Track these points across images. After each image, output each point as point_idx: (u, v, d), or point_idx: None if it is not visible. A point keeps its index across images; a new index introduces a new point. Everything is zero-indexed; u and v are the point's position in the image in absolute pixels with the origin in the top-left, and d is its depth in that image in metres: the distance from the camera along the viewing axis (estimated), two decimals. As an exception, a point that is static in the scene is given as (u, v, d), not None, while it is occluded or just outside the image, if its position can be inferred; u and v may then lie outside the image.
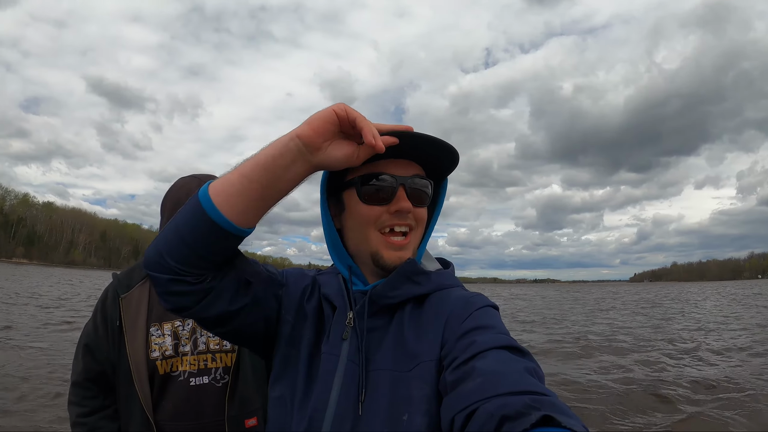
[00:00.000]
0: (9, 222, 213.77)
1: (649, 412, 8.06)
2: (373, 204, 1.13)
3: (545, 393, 0.77)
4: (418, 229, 1.18)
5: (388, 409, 0.99)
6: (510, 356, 0.89)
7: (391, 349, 1.07)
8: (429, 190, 1.19)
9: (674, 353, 13.42)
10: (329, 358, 1.09)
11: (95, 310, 2.06)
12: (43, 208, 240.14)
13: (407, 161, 1.16)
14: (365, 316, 1.11)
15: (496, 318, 1.06)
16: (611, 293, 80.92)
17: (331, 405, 1.03)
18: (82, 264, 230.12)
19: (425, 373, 0.99)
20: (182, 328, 1.99)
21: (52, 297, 28.55)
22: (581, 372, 11.01)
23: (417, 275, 1.13)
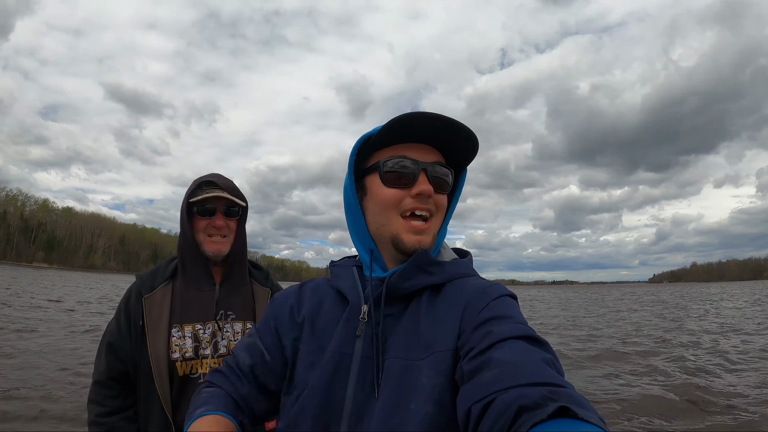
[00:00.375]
0: (29, 227, 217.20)
1: (673, 414, 7.93)
2: (395, 187, 1.14)
3: (563, 384, 0.76)
4: (438, 216, 1.18)
5: (396, 397, 0.99)
6: (528, 347, 0.88)
7: (403, 337, 1.07)
8: (449, 178, 1.19)
9: (695, 356, 13.07)
10: (344, 357, 1.10)
11: (118, 309, 2.06)
12: (62, 214, 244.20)
13: (428, 147, 1.16)
14: (382, 308, 1.11)
15: (514, 307, 1.05)
16: (628, 293, 79.59)
17: (348, 400, 1.05)
18: (101, 268, 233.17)
19: (439, 363, 0.99)
20: (203, 331, 1.99)
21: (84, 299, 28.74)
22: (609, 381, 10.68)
23: (430, 265, 1.13)
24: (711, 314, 28.73)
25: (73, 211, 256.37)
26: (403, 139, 1.14)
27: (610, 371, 11.22)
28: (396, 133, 1.12)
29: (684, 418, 7.71)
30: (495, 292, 1.07)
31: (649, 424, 7.43)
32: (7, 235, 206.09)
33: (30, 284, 45.32)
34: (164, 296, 2.02)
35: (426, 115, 1.08)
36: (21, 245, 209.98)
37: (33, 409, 7.33)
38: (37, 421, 6.87)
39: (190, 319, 2.00)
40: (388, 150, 1.16)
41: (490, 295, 1.06)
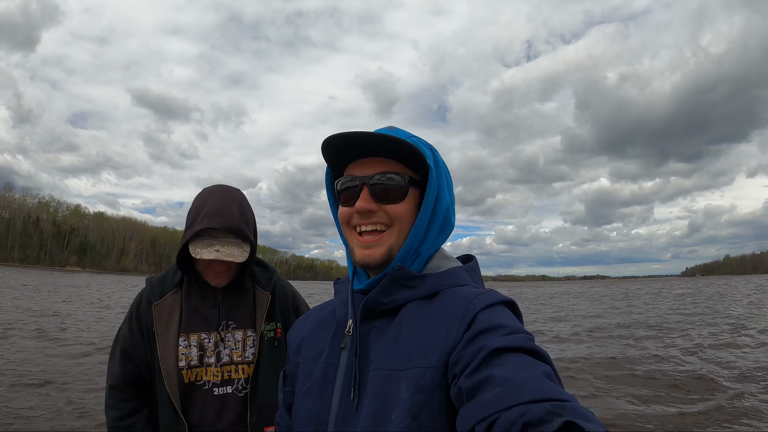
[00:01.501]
0: (62, 232, 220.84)
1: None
2: (345, 205, 1.16)
3: (566, 399, 0.75)
4: (395, 226, 1.14)
5: (378, 407, 0.99)
6: (525, 360, 0.86)
7: (386, 348, 1.06)
8: (401, 184, 1.13)
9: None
10: (330, 368, 1.12)
11: (129, 315, 2.11)
12: (94, 218, 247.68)
13: (379, 159, 1.14)
14: (358, 322, 1.12)
15: (506, 315, 1.01)
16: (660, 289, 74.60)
17: (333, 410, 1.07)
18: (133, 271, 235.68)
19: (419, 378, 0.97)
20: (207, 340, 2.05)
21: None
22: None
23: (409, 280, 1.11)
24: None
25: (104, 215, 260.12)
26: (358, 155, 1.15)
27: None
28: (350, 151, 1.14)
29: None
30: (483, 302, 1.02)
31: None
32: (41, 240, 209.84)
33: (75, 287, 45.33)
34: (174, 304, 2.07)
35: (332, 139, 1.11)
36: (54, 250, 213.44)
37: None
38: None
39: (195, 329, 2.05)
40: (347, 169, 1.18)
41: (478, 305, 1.02)
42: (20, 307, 23.36)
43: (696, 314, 25.04)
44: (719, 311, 26.44)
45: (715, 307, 29.41)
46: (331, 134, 1.10)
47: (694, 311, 26.97)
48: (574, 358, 12.84)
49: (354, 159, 1.16)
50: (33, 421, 7.02)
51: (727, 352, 13.20)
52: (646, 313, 26.52)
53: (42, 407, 7.67)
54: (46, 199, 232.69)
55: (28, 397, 8.16)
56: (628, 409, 8.24)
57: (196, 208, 2.03)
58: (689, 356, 12.84)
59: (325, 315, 1.28)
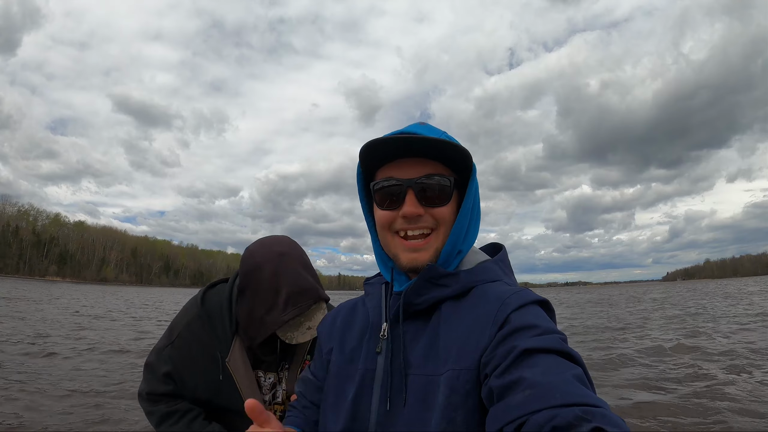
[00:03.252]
0: (41, 241, 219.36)
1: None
2: (386, 209, 1.15)
3: (597, 404, 0.74)
4: (440, 229, 1.14)
5: (419, 413, 1.00)
6: (558, 362, 0.85)
7: (423, 351, 1.06)
8: (447, 185, 1.13)
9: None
10: (367, 374, 1.12)
11: (183, 344, 2.00)
12: (74, 227, 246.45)
13: (420, 159, 1.12)
14: (400, 323, 1.12)
15: (539, 316, 1.00)
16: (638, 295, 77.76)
17: (372, 415, 1.07)
18: (114, 281, 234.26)
19: (453, 380, 0.97)
20: (264, 379, 2.10)
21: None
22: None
23: (441, 278, 1.11)
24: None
25: (84, 224, 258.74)
26: (396, 155, 1.13)
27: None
28: (387, 151, 1.13)
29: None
30: (516, 302, 1.02)
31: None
32: (20, 249, 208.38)
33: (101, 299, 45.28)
34: (240, 352, 2.01)
35: (387, 140, 1.08)
36: (34, 259, 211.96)
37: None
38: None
39: (255, 368, 2.08)
40: (382, 170, 1.16)
41: (511, 305, 1.01)
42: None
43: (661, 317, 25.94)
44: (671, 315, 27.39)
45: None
46: (374, 138, 1.09)
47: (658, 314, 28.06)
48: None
49: (391, 159, 1.14)
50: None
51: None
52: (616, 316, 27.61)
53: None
54: (26, 207, 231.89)
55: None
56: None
57: (272, 289, 1.92)
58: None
59: (357, 316, 1.28)
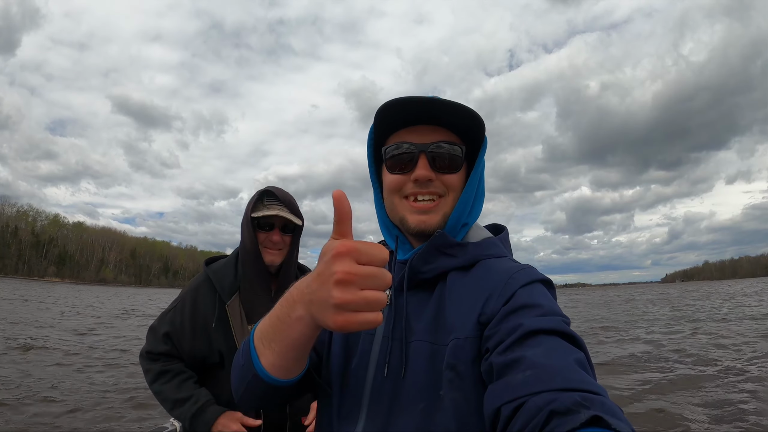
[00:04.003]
0: (40, 242, 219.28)
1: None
2: (397, 173, 1.15)
3: (597, 391, 0.74)
4: (449, 196, 1.16)
5: (426, 381, 0.99)
6: (561, 344, 0.85)
7: (430, 320, 1.06)
8: (458, 154, 1.15)
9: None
10: (365, 338, 1.13)
11: (183, 305, 2.28)
12: (73, 228, 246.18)
13: (433, 127, 1.14)
14: (405, 290, 1.12)
15: (544, 295, 1.01)
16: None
17: (368, 381, 1.07)
18: (113, 281, 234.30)
19: (457, 349, 0.97)
20: None
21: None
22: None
23: (450, 248, 1.11)
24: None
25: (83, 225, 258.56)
26: (408, 122, 1.14)
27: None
28: (399, 118, 1.13)
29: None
30: (524, 278, 1.02)
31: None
32: (19, 250, 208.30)
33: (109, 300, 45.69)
34: (238, 303, 2.26)
35: (411, 100, 1.08)
36: (32, 260, 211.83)
37: None
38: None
39: (250, 321, 2.24)
40: (396, 135, 1.16)
41: (518, 281, 1.02)
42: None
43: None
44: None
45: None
46: (390, 99, 1.09)
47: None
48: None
49: (405, 125, 1.15)
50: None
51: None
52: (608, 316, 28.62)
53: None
54: (25, 208, 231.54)
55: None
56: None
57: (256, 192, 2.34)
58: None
59: None
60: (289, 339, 0.92)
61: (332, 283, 0.76)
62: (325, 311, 0.78)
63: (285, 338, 0.92)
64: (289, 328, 0.90)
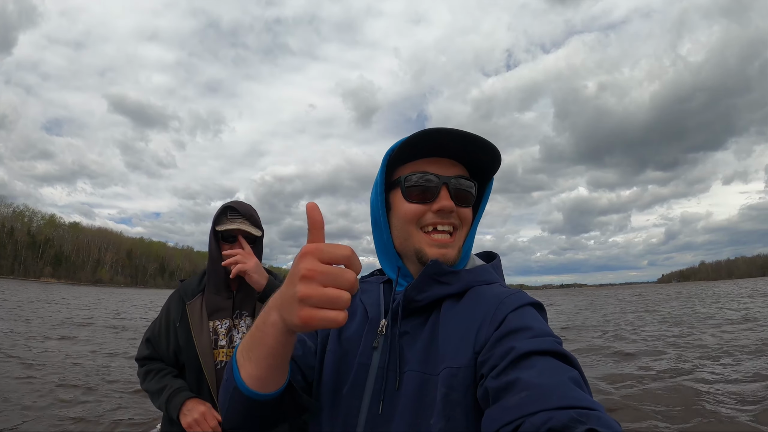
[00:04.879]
0: (36, 243, 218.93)
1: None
2: (416, 202, 1.15)
3: (592, 407, 0.75)
4: (463, 229, 1.19)
5: (415, 411, 1.00)
6: (554, 364, 0.86)
7: (422, 350, 1.07)
8: (473, 191, 1.19)
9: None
10: (360, 368, 1.12)
11: (161, 312, 2.64)
12: (69, 229, 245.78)
13: (450, 161, 1.18)
14: (399, 321, 1.12)
15: (536, 318, 1.02)
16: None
17: (362, 413, 1.07)
18: (109, 282, 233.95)
19: (450, 378, 0.98)
20: (221, 326, 2.48)
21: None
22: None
23: (444, 275, 1.13)
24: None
25: (80, 226, 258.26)
26: (426, 153, 1.16)
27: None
28: (419, 147, 1.15)
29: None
30: (514, 303, 1.04)
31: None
32: (15, 250, 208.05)
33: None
34: (200, 301, 2.54)
35: (450, 132, 1.10)
36: (28, 261, 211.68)
37: None
38: None
39: (213, 318, 2.50)
40: (411, 165, 1.18)
41: (509, 306, 1.03)
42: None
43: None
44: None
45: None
46: (428, 128, 1.11)
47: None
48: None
49: (423, 156, 1.18)
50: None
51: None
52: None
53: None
54: (21, 208, 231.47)
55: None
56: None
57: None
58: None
59: (357, 308, 1.27)
60: (266, 346, 0.93)
61: (297, 279, 0.80)
62: (292, 307, 0.82)
63: (261, 345, 0.94)
64: (265, 335, 0.92)
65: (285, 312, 0.85)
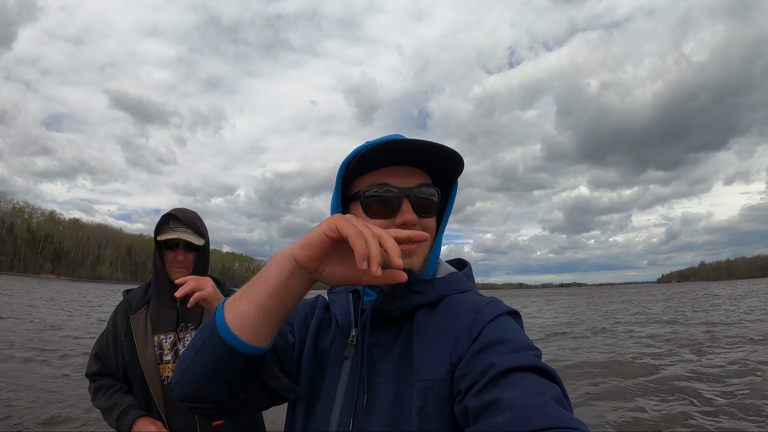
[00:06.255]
0: (36, 239, 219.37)
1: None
2: (378, 217, 1.10)
3: (575, 426, 0.74)
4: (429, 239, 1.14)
5: (390, 425, 0.96)
6: (536, 381, 0.84)
7: (395, 362, 1.03)
8: (436, 199, 1.14)
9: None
10: (330, 380, 1.09)
11: (107, 325, 2.57)
12: (69, 225, 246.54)
13: (412, 168, 1.12)
14: (367, 331, 1.09)
15: (514, 328, 0.98)
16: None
17: (332, 424, 1.03)
18: (108, 279, 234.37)
19: (426, 391, 0.95)
20: (165, 340, 2.43)
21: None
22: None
23: (416, 284, 1.08)
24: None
25: (79, 222, 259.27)
26: (385, 163, 1.10)
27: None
28: (375, 159, 1.09)
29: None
30: (491, 313, 1.00)
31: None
32: (15, 246, 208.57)
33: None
34: (144, 315, 2.49)
35: (407, 143, 1.05)
36: (28, 257, 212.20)
37: None
38: None
39: (157, 331, 2.45)
40: (370, 176, 1.12)
41: (486, 316, 0.99)
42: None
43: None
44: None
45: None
46: (373, 140, 1.08)
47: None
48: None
49: (382, 166, 1.12)
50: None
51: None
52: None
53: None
54: (21, 204, 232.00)
55: None
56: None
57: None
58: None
59: (329, 316, 1.25)
60: (272, 282, 0.89)
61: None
62: (319, 228, 0.85)
63: (267, 281, 0.89)
64: (274, 269, 0.89)
65: (305, 243, 0.86)
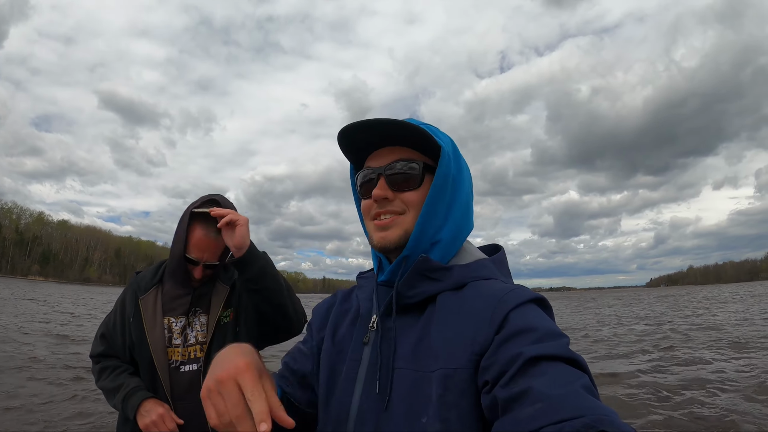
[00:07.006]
0: (24, 240, 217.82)
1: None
2: (365, 198, 1.18)
3: (605, 413, 0.73)
4: (409, 213, 1.13)
5: (408, 409, 0.96)
6: (565, 371, 0.82)
7: (415, 347, 1.03)
8: (415, 171, 1.13)
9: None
10: (351, 364, 1.11)
11: (115, 306, 2.49)
12: (57, 227, 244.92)
13: (391, 148, 1.16)
14: (393, 316, 1.09)
15: (540, 316, 0.96)
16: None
17: (353, 408, 1.04)
18: (97, 281, 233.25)
19: (447, 379, 0.93)
20: (175, 324, 2.34)
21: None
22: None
23: (433, 271, 1.08)
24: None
25: (68, 224, 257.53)
26: (369, 148, 1.18)
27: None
28: (362, 150, 1.18)
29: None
30: (514, 300, 0.98)
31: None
32: (2, 248, 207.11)
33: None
34: (156, 296, 2.39)
35: (354, 125, 1.11)
36: (16, 258, 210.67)
37: None
38: None
39: (166, 314, 2.36)
40: (366, 161, 1.20)
41: (509, 303, 0.97)
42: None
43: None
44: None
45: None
46: (345, 125, 1.12)
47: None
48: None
49: (372, 150, 1.18)
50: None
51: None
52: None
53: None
54: (9, 205, 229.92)
55: None
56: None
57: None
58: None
59: (351, 305, 1.27)
60: None
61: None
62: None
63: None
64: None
65: None
